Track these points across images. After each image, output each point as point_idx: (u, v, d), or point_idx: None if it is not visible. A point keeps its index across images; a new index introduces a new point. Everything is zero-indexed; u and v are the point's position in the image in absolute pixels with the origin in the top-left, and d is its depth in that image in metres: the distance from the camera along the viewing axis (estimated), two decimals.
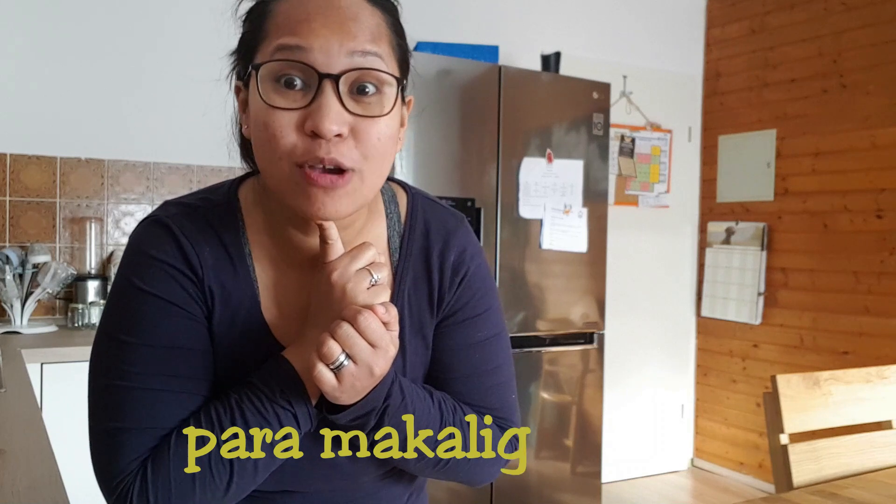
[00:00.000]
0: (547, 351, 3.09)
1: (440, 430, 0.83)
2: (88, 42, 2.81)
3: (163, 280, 0.77)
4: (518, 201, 3.00)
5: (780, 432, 1.58)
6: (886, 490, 1.42)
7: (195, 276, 0.79)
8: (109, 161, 2.85)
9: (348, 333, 0.70)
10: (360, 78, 0.71)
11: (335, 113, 0.69)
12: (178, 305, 0.78)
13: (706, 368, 4.25)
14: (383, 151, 0.73)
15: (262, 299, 0.82)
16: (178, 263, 0.78)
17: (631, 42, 4.04)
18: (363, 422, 0.76)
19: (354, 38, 0.71)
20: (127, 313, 0.77)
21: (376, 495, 0.91)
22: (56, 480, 1.02)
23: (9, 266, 2.48)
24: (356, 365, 0.71)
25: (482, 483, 0.91)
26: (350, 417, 0.75)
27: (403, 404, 0.79)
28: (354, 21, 0.71)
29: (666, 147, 4.17)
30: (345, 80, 0.71)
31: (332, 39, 0.70)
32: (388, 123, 0.73)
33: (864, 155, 3.48)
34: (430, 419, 0.82)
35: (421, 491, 1.00)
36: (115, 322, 0.78)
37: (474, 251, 0.91)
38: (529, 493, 3.08)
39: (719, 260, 4.11)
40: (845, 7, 3.57)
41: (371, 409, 0.75)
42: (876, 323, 3.41)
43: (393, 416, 0.78)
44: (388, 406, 0.76)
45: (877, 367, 1.77)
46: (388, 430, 0.78)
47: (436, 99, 2.79)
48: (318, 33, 0.70)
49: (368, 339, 0.70)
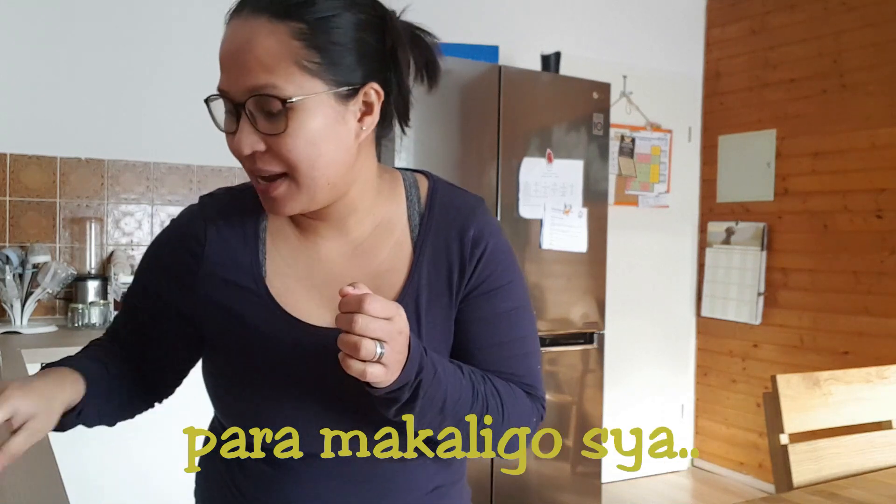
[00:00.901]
0: (547, 351, 3.09)
1: (473, 398, 0.86)
2: (88, 42, 2.81)
3: (164, 243, 0.97)
4: (518, 201, 3.00)
5: (780, 432, 1.58)
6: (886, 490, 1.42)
7: (197, 247, 0.92)
8: (109, 161, 2.85)
9: (366, 321, 0.72)
10: (259, 103, 0.80)
11: (245, 135, 0.81)
12: (156, 280, 0.95)
13: (706, 368, 4.25)
14: (302, 159, 0.81)
15: (268, 269, 0.91)
16: (184, 234, 0.94)
17: (631, 42, 4.04)
18: (397, 395, 0.78)
19: (249, 71, 0.79)
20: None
21: (401, 471, 0.92)
22: (56, 481, 1.02)
23: (9, 266, 2.48)
24: (390, 345, 0.74)
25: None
26: (385, 392, 0.78)
27: (437, 377, 0.81)
28: (248, 52, 0.79)
29: (666, 147, 4.17)
30: (249, 105, 0.80)
31: (234, 79, 0.80)
32: (295, 135, 0.80)
33: (864, 155, 3.48)
34: (463, 389, 0.85)
35: (457, 480, 1.01)
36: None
37: (494, 228, 0.96)
38: (529, 493, 3.07)
39: (719, 260, 4.11)
40: (845, 7, 3.57)
41: (404, 383, 0.77)
42: (876, 323, 3.41)
43: (427, 389, 0.80)
44: (422, 380, 0.79)
45: (877, 367, 1.77)
46: (422, 403, 0.80)
47: (436, 99, 2.79)
48: (228, 73, 0.81)
49: (381, 316, 0.73)
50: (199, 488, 1.03)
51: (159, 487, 2.12)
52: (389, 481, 0.92)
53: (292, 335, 0.88)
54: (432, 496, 0.95)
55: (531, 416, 0.94)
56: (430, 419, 0.83)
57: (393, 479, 0.92)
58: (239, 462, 0.94)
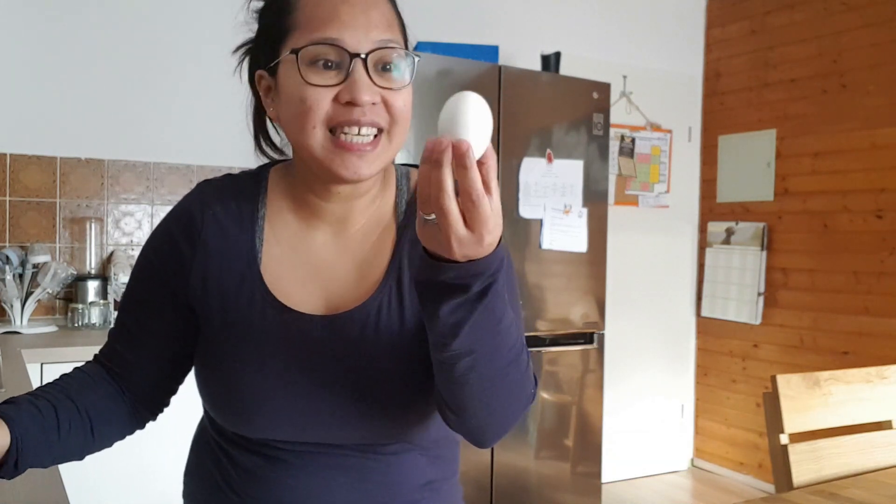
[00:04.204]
0: (547, 351, 3.09)
1: (513, 328, 0.79)
2: (88, 42, 2.81)
3: (154, 247, 0.95)
4: (518, 201, 3.00)
5: (780, 432, 1.58)
6: (886, 490, 1.42)
7: (192, 231, 0.91)
8: (109, 161, 2.85)
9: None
10: (384, 56, 0.84)
11: (367, 85, 0.82)
12: (153, 269, 0.94)
13: (706, 368, 4.25)
14: (406, 115, 0.86)
15: (264, 255, 0.91)
16: (181, 220, 0.93)
17: (631, 42, 4.04)
18: (468, 282, 0.69)
19: (376, 26, 0.84)
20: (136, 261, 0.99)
21: (394, 465, 0.92)
22: (56, 481, 1.02)
23: (9, 266, 2.48)
24: (494, 213, 0.68)
25: (516, 417, 0.85)
26: (460, 272, 0.69)
27: (503, 290, 0.74)
28: (374, 9, 0.84)
29: (666, 147, 4.17)
30: (371, 58, 0.83)
31: (358, 28, 0.82)
32: (409, 92, 0.86)
33: (864, 155, 3.48)
34: (512, 319, 0.78)
35: (448, 476, 0.99)
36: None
37: None
38: (529, 493, 3.07)
39: (719, 260, 4.11)
40: (845, 7, 3.57)
41: (482, 271, 0.69)
42: (876, 323, 3.41)
43: (494, 294, 0.72)
44: (496, 281, 0.71)
45: (877, 367, 1.77)
46: (484, 308, 0.71)
47: (436, 99, 2.79)
48: (347, 24, 0.82)
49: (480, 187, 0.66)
50: (188, 482, 1.02)
51: (159, 487, 2.12)
52: (381, 474, 0.91)
53: (282, 323, 0.88)
54: (424, 490, 0.95)
55: (531, 388, 0.86)
56: (480, 337, 0.73)
57: (385, 473, 0.91)
58: (228, 454, 0.93)
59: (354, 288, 0.90)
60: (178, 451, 1.04)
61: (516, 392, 0.82)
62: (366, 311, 0.88)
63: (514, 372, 0.80)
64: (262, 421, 0.88)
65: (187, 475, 1.02)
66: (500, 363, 0.77)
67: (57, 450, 0.86)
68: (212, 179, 0.97)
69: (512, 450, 3.03)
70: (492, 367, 0.77)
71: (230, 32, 1.03)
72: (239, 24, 0.95)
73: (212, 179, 0.97)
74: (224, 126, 2.74)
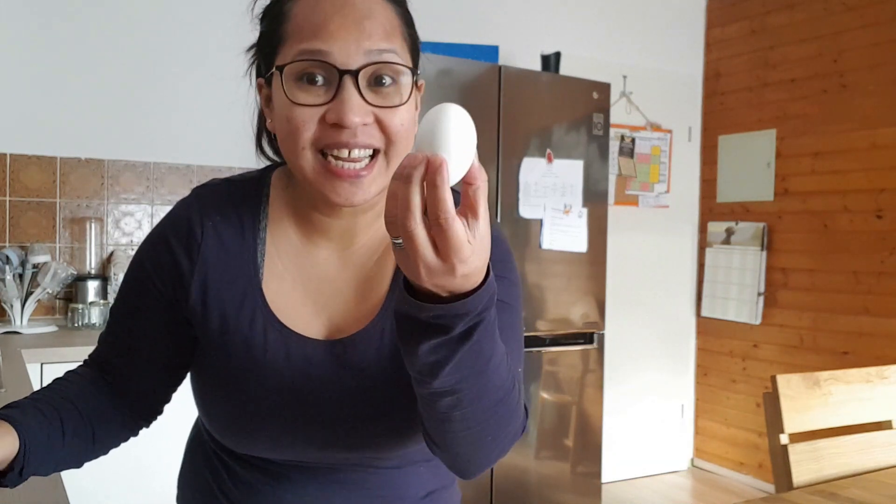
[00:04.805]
0: (547, 351, 3.09)
1: (503, 366, 0.72)
2: (88, 42, 2.81)
3: (150, 256, 0.89)
4: (518, 201, 3.00)
5: (781, 432, 1.58)
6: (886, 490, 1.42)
7: (191, 244, 0.85)
8: (109, 161, 2.85)
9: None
10: (377, 71, 0.76)
11: (357, 105, 0.74)
12: (149, 279, 0.88)
13: (706, 368, 4.25)
14: (405, 134, 0.78)
15: (265, 271, 0.86)
16: (178, 232, 0.87)
17: (631, 42, 4.04)
18: (449, 323, 0.62)
19: (370, 36, 0.75)
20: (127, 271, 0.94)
21: (395, 477, 0.90)
22: (56, 481, 1.02)
23: (9, 266, 2.48)
24: (478, 241, 0.60)
25: (503, 451, 0.81)
26: (440, 312, 0.62)
27: (493, 327, 0.66)
28: (369, 19, 0.76)
29: (666, 147, 4.17)
30: (363, 74, 0.75)
31: (349, 40, 0.75)
32: (408, 109, 0.78)
33: (864, 155, 3.48)
34: (503, 355, 0.72)
35: (446, 485, 0.97)
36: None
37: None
38: (529, 493, 3.07)
39: (719, 260, 4.11)
40: (845, 7, 3.57)
41: (464, 312, 0.62)
42: (876, 323, 3.41)
43: (482, 333, 0.64)
44: (483, 321, 0.64)
45: (877, 367, 1.77)
46: (468, 350, 0.64)
47: (436, 99, 2.79)
48: (336, 36, 0.75)
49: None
50: (182, 489, 1.00)
51: (159, 487, 2.12)
52: (382, 488, 0.90)
53: (284, 347, 0.84)
54: (425, 501, 0.93)
55: (520, 422, 0.81)
56: (464, 377, 0.66)
57: (386, 486, 0.90)
58: (226, 464, 0.91)
59: (356, 308, 0.86)
60: (179, 453, 1.04)
61: (504, 428, 0.76)
62: (368, 336, 0.85)
63: (503, 409, 0.74)
64: (263, 444, 0.86)
65: (182, 481, 1.00)
66: (486, 403, 0.71)
67: (59, 457, 0.82)
68: (209, 184, 0.90)
69: (512, 450, 3.01)
70: (478, 407, 0.70)
71: (230, 33, 1.03)
72: (239, 25, 0.94)
73: (209, 184, 0.90)
74: (224, 126, 2.74)
